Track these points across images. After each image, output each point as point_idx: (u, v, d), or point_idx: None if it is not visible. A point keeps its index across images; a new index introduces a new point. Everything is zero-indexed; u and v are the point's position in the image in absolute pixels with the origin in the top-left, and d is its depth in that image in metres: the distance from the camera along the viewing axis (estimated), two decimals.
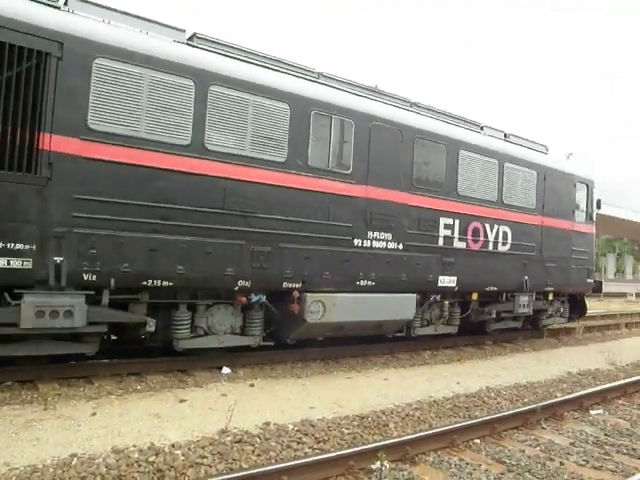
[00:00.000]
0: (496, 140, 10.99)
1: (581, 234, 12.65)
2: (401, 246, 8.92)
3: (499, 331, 11.75)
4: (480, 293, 10.57)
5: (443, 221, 9.59)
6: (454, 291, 9.97)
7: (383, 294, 8.64)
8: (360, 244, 8.39)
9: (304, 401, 6.40)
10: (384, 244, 8.71)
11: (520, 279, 11.04)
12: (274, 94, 7.43)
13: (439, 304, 10.09)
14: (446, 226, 9.65)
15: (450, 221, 9.71)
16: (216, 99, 6.91)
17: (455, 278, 9.77)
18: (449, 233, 9.70)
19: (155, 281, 6.47)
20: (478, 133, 10.74)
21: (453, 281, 9.76)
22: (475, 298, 10.59)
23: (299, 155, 7.67)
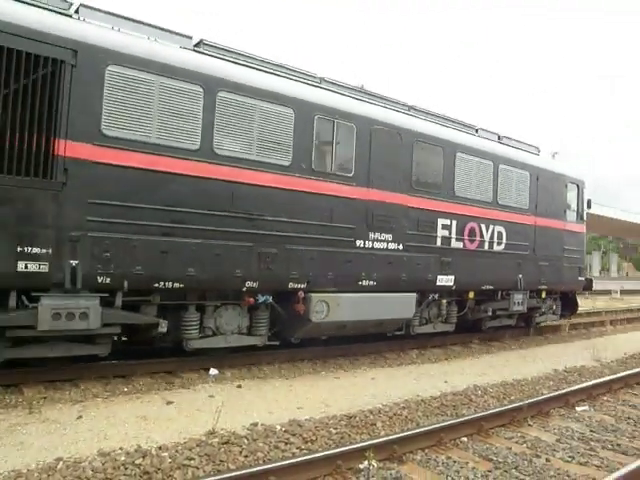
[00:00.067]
0: (490, 142, 11.27)
1: (572, 233, 12.98)
2: (401, 247, 9.15)
3: (494, 329, 12.03)
4: (476, 292, 10.84)
5: (441, 222, 9.84)
6: (452, 290, 10.23)
7: (384, 294, 8.85)
8: (362, 245, 8.60)
9: (292, 401, 6.41)
10: (385, 245, 8.92)
11: (514, 278, 11.33)
12: (279, 99, 7.61)
13: (437, 303, 10.34)
14: (444, 227, 9.89)
15: (447, 222, 9.96)
16: (224, 105, 7.07)
17: (453, 277, 10.02)
18: (447, 233, 9.94)
19: (166, 283, 6.61)
20: (473, 135, 11.01)
21: (451, 280, 10.01)
22: (472, 297, 10.86)
23: (303, 159, 7.86)
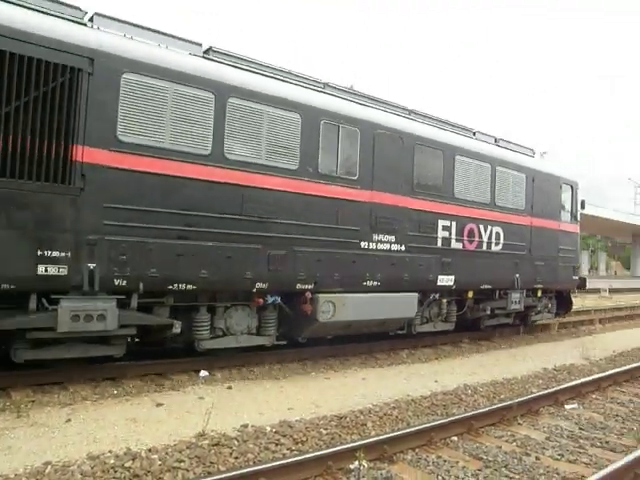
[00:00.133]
0: (488, 145, 11.54)
1: (567, 233, 13.31)
2: (403, 247, 9.38)
3: (492, 327, 12.30)
4: (475, 291, 11.11)
5: (441, 223, 10.08)
6: (452, 290, 10.49)
7: (388, 294, 9.07)
8: (366, 246, 8.81)
9: (282, 402, 6.43)
10: (388, 246, 9.14)
11: (512, 277, 11.61)
12: (287, 105, 7.80)
13: (437, 302, 10.58)
14: (444, 228, 10.14)
15: (447, 223, 10.21)
16: (234, 110, 7.25)
17: (453, 277, 10.27)
18: (447, 234, 10.19)
19: (180, 285, 6.77)
20: (471, 138, 11.26)
21: (451, 280, 10.25)
22: (471, 296, 11.13)
23: (310, 163, 8.06)
